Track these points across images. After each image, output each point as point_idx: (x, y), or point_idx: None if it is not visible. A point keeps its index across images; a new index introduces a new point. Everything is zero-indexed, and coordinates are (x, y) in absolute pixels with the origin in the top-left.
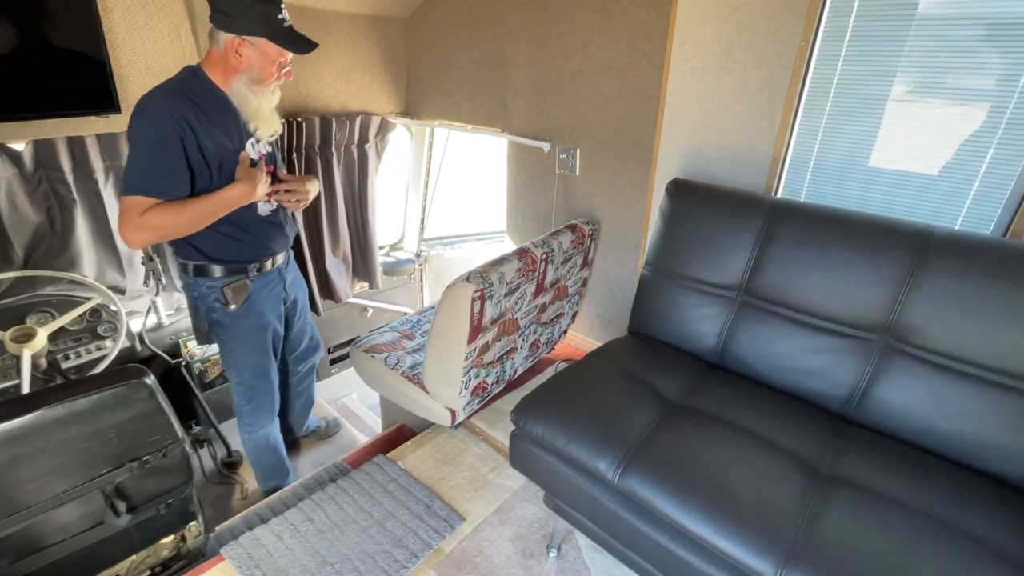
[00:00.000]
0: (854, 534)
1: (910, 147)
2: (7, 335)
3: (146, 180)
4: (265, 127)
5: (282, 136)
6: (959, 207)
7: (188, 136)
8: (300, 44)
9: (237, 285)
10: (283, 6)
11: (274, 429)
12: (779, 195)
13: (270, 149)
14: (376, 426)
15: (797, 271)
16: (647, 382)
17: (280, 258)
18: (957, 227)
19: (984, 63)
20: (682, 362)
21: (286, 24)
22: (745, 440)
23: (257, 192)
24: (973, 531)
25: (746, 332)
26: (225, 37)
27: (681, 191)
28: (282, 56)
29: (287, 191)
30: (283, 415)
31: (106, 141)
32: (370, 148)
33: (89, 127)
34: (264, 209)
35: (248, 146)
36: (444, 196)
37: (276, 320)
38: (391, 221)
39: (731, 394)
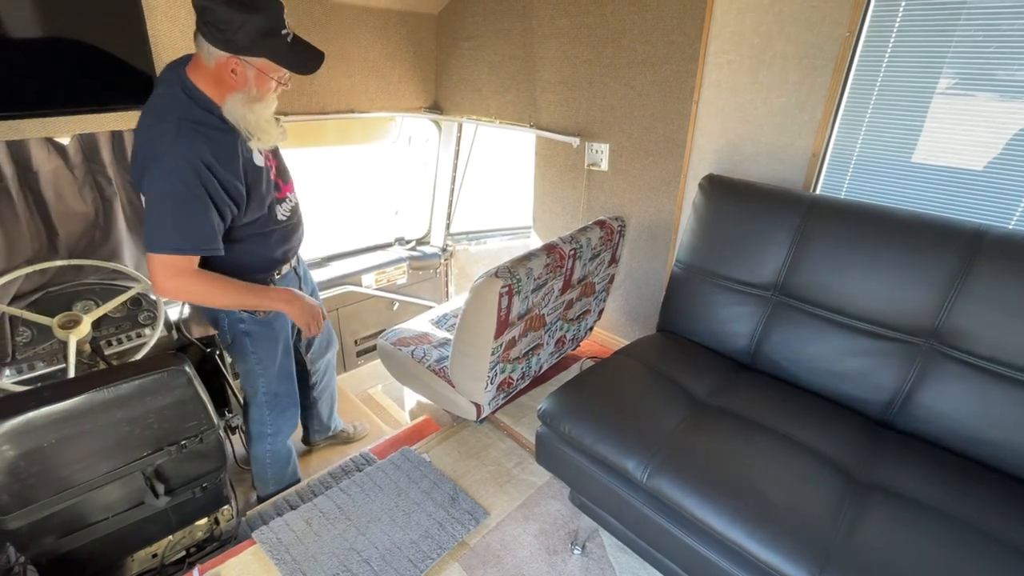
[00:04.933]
0: (894, 543)
1: (958, 143)
2: (55, 321)
3: (178, 237)
4: (266, 139)
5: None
6: (1014, 206)
7: (210, 180)
8: (305, 61)
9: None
10: (285, 16)
11: (290, 438)
12: (818, 192)
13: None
14: (401, 418)
15: (837, 271)
16: (677, 381)
17: (294, 259)
18: (1011, 227)
19: None
20: (713, 362)
21: (289, 38)
22: (778, 443)
23: (303, 324)
24: (1022, 545)
25: (780, 333)
26: (218, 54)
27: (715, 187)
28: (280, 71)
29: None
30: (305, 419)
31: None
32: None
33: (131, 121)
34: (282, 214)
35: (254, 156)
36: (471, 191)
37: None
38: (417, 215)
39: (764, 396)
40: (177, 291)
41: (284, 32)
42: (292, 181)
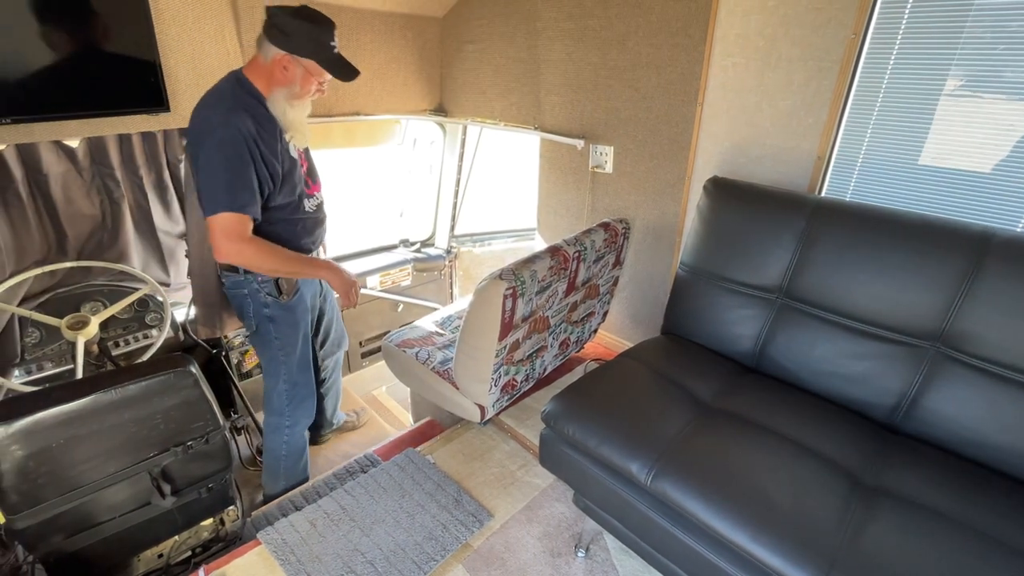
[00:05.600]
0: (901, 548)
1: (965, 145)
2: (63, 322)
3: (229, 198)
4: (300, 138)
5: None
6: (1022, 208)
7: (256, 152)
8: (345, 71)
9: (288, 278)
10: (336, 35)
11: (306, 430)
12: (823, 194)
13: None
14: (405, 420)
15: (842, 274)
16: (681, 384)
17: (316, 253)
18: (1019, 229)
19: None
20: (717, 365)
21: (335, 51)
22: (783, 446)
23: (343, 292)
24: None
25: (785, 335)
26: (275, 51)
27: (720, 189)
28: (323, 76)
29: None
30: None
31: (148, 139)
32: None
33: (139, 125)
34: (310, 206)
35: (290, 147)
36: (475, 193)
37: (311, 311)
38: (422, 217)
39: (768, 399)
40: (235, 254)
41: (332, 44)
42: (320, 183)
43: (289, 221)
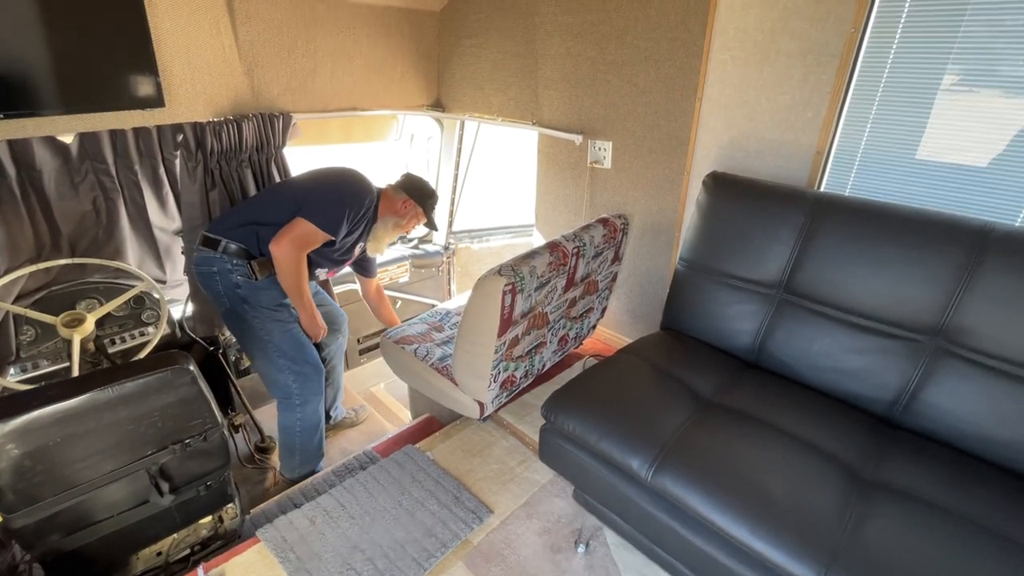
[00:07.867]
0: (900, 542)
1: (963, 139)
2: (59, 320)
3: (322, 216)
4: (372, 246)
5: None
6: (1019, 203)
7: (353, 217)
8: (432, 225)
9: (263, 261)
10: (436, 206)
11: (322, 404)
12: (822, 189)
13: (362, 250)
14: (404, 416)
15: (841, 268)
16: (681, 379)
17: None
18: (1018, 224)
19: None
20: (717, 360)
21: (433, 214)
22: (783, 441)
23: (306, 329)
24: None
25: (785, 330)
26: (405, 196)
27: (719, 184)
28: (421, 220)
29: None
30: None
31: (143, 134)
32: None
33: (134, 120)
34: (326, 265)
35: (356, 248)
36: (473, 189)
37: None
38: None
39: (768, 394)
40: (286, 253)
41: (433, 209)
42: (338, 273)
43: (312, 258)
